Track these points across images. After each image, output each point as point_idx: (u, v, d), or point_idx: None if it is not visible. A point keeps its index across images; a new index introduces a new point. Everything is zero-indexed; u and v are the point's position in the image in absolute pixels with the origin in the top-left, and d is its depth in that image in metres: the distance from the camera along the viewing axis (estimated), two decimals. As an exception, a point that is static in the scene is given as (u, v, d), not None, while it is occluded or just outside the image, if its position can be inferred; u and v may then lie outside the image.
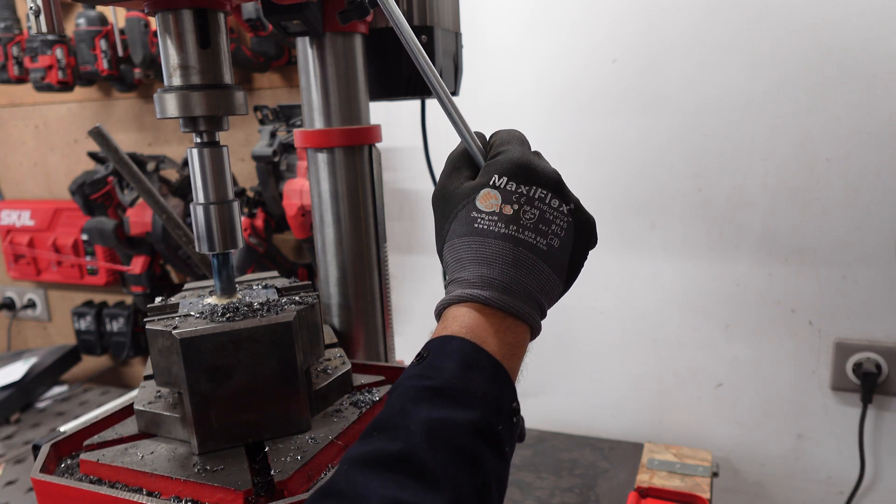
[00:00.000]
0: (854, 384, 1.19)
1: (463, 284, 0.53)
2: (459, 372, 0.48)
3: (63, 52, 1.56)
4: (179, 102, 0.60)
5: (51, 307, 2.02)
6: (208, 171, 0.64)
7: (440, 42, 0.89)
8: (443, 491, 0.42)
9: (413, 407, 0.46)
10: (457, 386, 0.47)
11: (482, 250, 0.53)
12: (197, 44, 0.60)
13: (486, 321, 0.51)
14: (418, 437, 0.44)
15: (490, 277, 0.53)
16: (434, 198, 0.59)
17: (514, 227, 0.53)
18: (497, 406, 0.48)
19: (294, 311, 0.62)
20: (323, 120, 0.84)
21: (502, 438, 0.48)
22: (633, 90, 1.24)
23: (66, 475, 0.61)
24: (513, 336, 0.52)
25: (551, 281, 0.55)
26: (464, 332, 0.51)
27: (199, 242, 0.65)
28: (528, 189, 0.54)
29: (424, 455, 0.43)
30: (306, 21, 0.76)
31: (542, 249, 0.54)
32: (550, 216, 0.54)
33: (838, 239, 1.16)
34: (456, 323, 0.51)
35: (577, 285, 0.59)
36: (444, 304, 0.54)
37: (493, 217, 0.54)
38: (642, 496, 1.06)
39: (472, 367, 0.48)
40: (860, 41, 1.09)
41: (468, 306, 0.52)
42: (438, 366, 0.48)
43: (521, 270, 0.53)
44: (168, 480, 0.56)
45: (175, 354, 0.58)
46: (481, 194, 0.54)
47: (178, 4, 0.59)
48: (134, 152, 1.53)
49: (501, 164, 0.55)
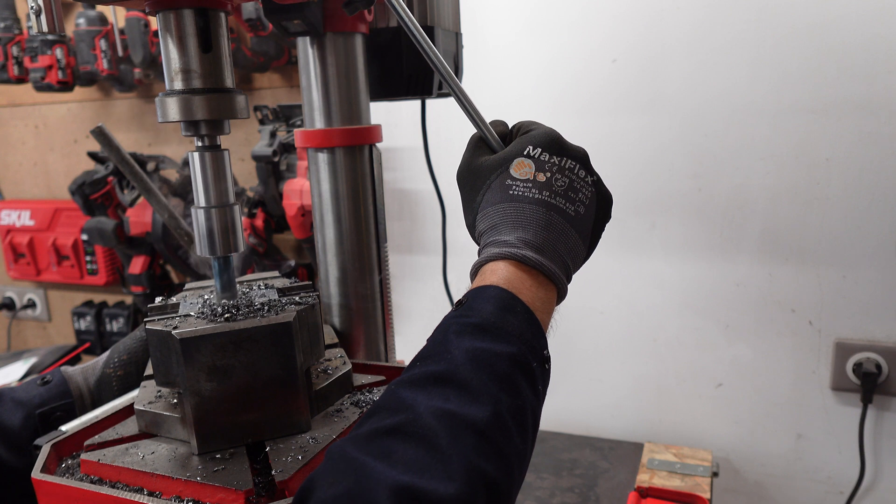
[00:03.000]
0: (854, 384, 1.19)
1: (499, 245, 0.57)
2: (498, 312, 0.52)
3: (63, 52, 1.56)
4: (181, 106, 0.60)
5: (51, 307, 2.02)
6: (209, 174, 0.63)
7: (440, 42, 0.89)
8: (485, 405, 0.46)
9: (455, 338, 0.50)
10: (496, 323, 0.51)
11: (517, 215, 0.58)
12: (198, 47, 0.60)
13: (520, 276, 0.55)
14: (461, 360, 0.48)
15: (525, 238, 0.57)
16: (460, 174, 0.63)
17: (548, 193, 0.58)
18: (531, 346, 0.52)
19: (294, 311, 0.62)
20: (323, 120, 0.84)
21: (536, 375, 0.52)
22: (633, 90, 1.24)
23: (67, 475, 0.61)
24: (544, 293, 0.56)
25: (578, 245, 0.59)
26: (501, 283, 0.54)
27: (201, 246, 0.65)
28: (560, 160, 0.59)
29: (467, 374, 0.48)
30: (306, 21, 0.76)
31: (570, 215, 0.58)
32: (578, 185, 0.59)
33: (838, 239, 1.16)
34: (494, 276, 0.55)
35: (576, 285, 0.60)
36: (481, 262, 0.58)
37: (527, 184, 0.58)
38: (642, 496, 1.06)
39: (509, 310, 0.53)
40: (860, 41, 1.09)
41: (505, 263, 0.56)
42: (478, 307, 0.53)
43: (553, 233, 0.57)
44: (169, 480, 0.56)
45: (175, 354, 0.58)
46: (515, 163, 0.59)
47: (179, 4, 0.59)
48: (134, 152, 1.53)
49: (535, 137, 0.59)
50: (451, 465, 0.43)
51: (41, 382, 0.72)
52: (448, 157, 0.90)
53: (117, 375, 0.76)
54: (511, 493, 0.47)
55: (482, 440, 0.45)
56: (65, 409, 0.71)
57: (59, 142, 1.86)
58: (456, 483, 0.42)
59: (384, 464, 0.42)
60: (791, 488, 1.28)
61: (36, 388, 0.71)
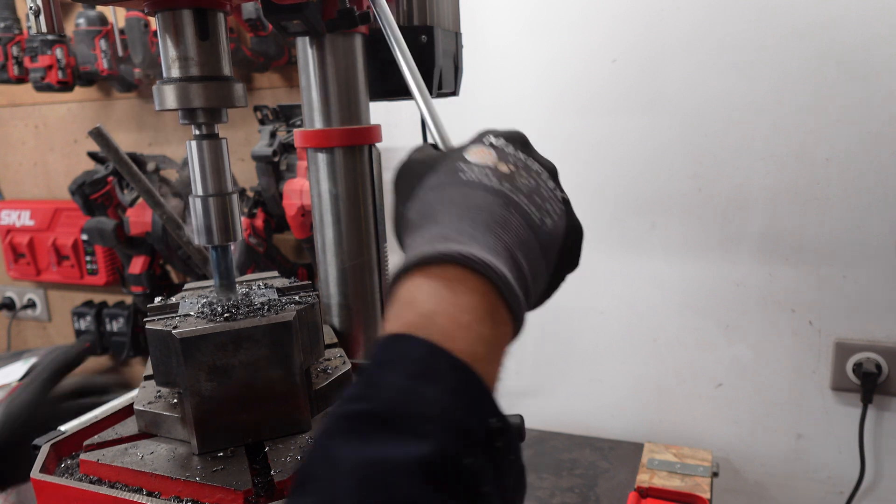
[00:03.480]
0: (854, 384, 1.19)
1: (433, 239, 0.39)
2: (407, 387, 0.33)
3: (63, 52, 1.56)
4: (178, 94, 0.60)
5: (51, 307, 2.02)
6: (207, 163, 0.63)
7: (440, 42, 0.89)
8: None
9: (340, 446, 0.32)
10: (399, 409, 0.33)
11: (465, 201, 0.41)
12: (196, 36, 0.60)
13: (456, 304, 0.36)
14: (342, 491, 0.31)
15: (472, 234, 0.39)
16: (399, 168, 0.48)
17: (509, 185, 0.42)
18: (463, 430, 0.33)
19: (294, 311, 0.62)
20: (323, 120, 0.84)
21: (475, 474, 0.32)
22: (633, 90, 1.24)
23: (66, 475, 0.61)
24: (491, 329, 0.37)
25: (539, 265, 0.43)
26: (420, 323, 0.36)
27: (198, 235, 0.65)
28: (526, 158, 0.46)
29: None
30: (306, 21, 0.76)
31: (535, 222, 0.42)
32: (546, 193, 0.45)
33: (838, 239, 1.16)
34: (412, 309, 0.37)
35: (577, 285, 0.57)
36: (400, 271, 0.39)
37: (485, 169, 0.43)
38: (642, 496, 1.06)
39: (426, 376, 0.34)
40: (860, 41, 1.09)
41: (433, 279, 0.37)
42: (378, 382, 0.34)
43: (511, 236, 0.40)
44: (168, 480, 0.56)
45: (175, 354, 0.58)
46: (473, 149, 0.45)
47: (178, 4, 0.59)
48: (134, 152, 1.53)
49: (499, 131, 0.47)
50: None
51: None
52: (448, 157, 0.90)
53: None
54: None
55: None
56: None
57: (59, 142, 1.86)
58: None
59: None
60: (791, 488, 1.28)
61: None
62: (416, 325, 0.36)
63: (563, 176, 0.55)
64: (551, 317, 1.34)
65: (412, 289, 0.38)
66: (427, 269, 0.38)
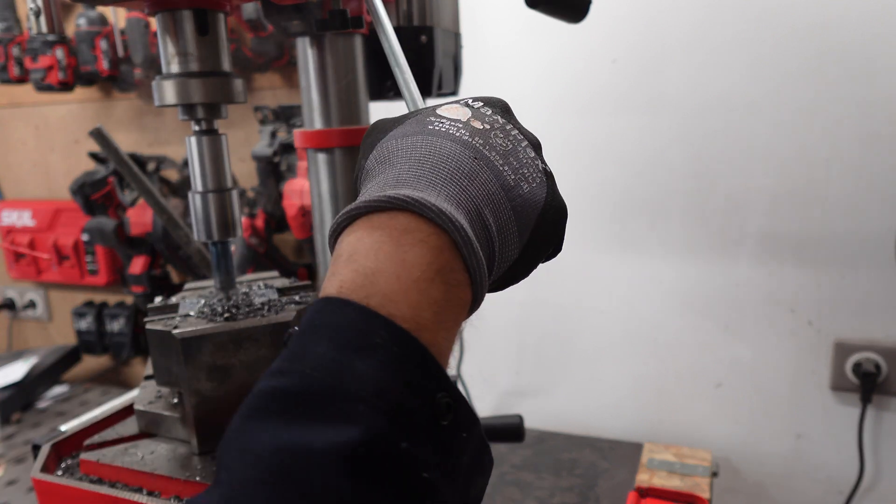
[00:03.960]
0: (853, 384, 1.19)
1: (382, 185, 0.35)
2: (334, 358, 0.29)
3: (63, 53, 1.56)
4: (178, 89, 0.60)
5: (51, 307, 2.02)
6: (206, 159, 0.63)
7: (440, 42, 0.89)
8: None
9: (257, 429, 0.28)
10: (326, 385, 0.28)
11: (429, 148, 0.36)
12: (195, 31, 0.60)
13: (403, 259, 0.31)
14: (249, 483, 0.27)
15: (431, 180, 0.34)
16: (368, 129, 0.43)
17: (481, 140, 0.37)
18: (403, 409, 0.28)
19: (294, 311, 0.62)
20: (323, 120, 0.84)
21: (414, 459, 0.28)
22: (633, 90, 1.25)
23: (67, 475, 0.62)
24: (443, 290, 0.32)
25: (510, 228, 0.37)
26: (357, 283, 0.31)
27: (198, 231, 0.65)
28: (504, 123, 0.40)
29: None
30: (306, 21, 0.76)
31: (508, 181, 0.37)
32: (525, 158, 0.39)
33: (838, 239, 1.16)
34: (350, 265, 0.31)
35: (577, 285, 0.57)
36: (342, 219, 0.34)
37: (456, 123, 0.38)
38: (642, 496, 1.07)
39: (358, 346, 0.29)
40: (860, 41, 1.09)
41: (379, 231, 0.32)
42: (302, 353, 0.30)
43: (477, 188, 0.35)
44: (168, 480, 0.56)
45: (175, 354, 0.58)
46: (447, 105, 0.40)
47: (179, 5, 0.59)
48: (134, 152, 1.53)
49: (479, 96, 0.42)
50: None
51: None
52: (448, 158, 0.90)
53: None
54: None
55: None
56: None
57: (60, 142, 1.86)
58: None
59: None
60: (790, 488, 1.28)
61: None
62: (352, 285, 0.31)
63: (563, 176, 0.55)
64: (551, 317, 1.34)
65: (353, 242, 0.32)
66: (372, 217, 0.33)
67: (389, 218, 0.32)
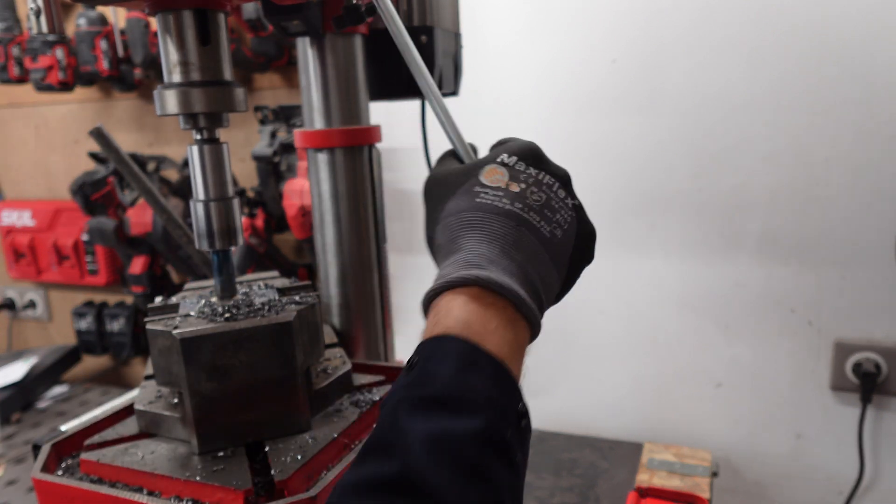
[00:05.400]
0: (853, 384, 1.19)
1: (459, 265, 0.47)
2: (457, 376, 0.42)
3: (63, 53, 1.56)
4: (179, 99, 0.60)
5: (51, 307, 2.02)
6: (208, 167, 0.63)
7: (440, 42, 0.89)
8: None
9: (407, 421, 0.40)
10: (454, 393, 0.41)
11: (483, 226, 0.49)
12: (197, 40, 0.60)
13: (484, 314, 0.45)
14: (417, 454, 0.38)
15: (490, 257, 0.47)
16: (427, 184, 0.55)
17: (520, 205, 0.49)
18: (503, 410, 0.43)
19: (294, 311, 0.62)
20: (323, 120, 0.84)
21: (512, 446, 0.42)
22: (632, 90, 1.25)
23: (67, 475, 0.62)
24: (513, 334, 0.46)
25: (551, 274, 0.50)
26: (458, 328, 0.44)
27: (199, 240, 0.65)
28: (537, 173, 0.52)
29: (426, 473, 0.38)
30: (306, 21, 0.76)
31: (545, 235, 0.50)
32: (556, 204, 0.51)
33: (838, 239, 1.16)
34: (450, 317, 0.45)
35: (576, 285, 0.58)
36: (435, 290, 0.47)
37: (497, 192, 0.50)
38: (642, 496, 1.07)
39: (471, 369, 0.43)
40: (860, 40, 1.09)
41: (464, 295, 0.46)
42: (432, 372, 0.43)
43: (524, 254, 0.48)
44: (168, 480, 0.56)
45: (175, 354, 0.58)
46: (487, 169, 0.52)
47: (179, 5, 0.59)
48: (134, 152, 1.53)
49: (511, 147, 0.53)
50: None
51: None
52: (448, 158, 0.90)
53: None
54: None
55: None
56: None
57: (60, 142, 1.86)
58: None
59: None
60: (790, 488, 1.28)
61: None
62: (455, 329, 0.44)
63: (563, 176, 0.55)
64: (551, 317, 1.33)
65: (447, 303, 0.46)
66: (457, 289, 0.46)
67: (469, 290, 0.46)
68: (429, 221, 0.54)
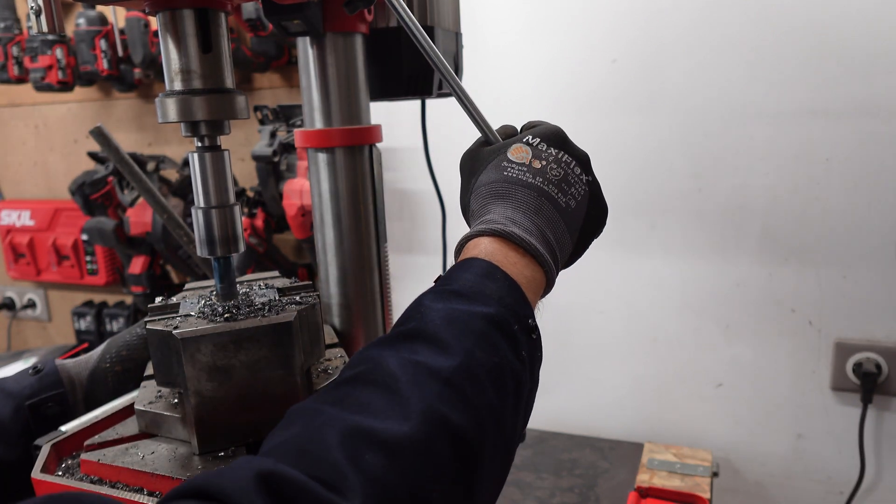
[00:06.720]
0: (854, 384, 1.19)
1: (487, 222, 0.56)
2: (476, 279, 0.51)
3: (63, 52, 1.56)
4: (181, 107, 0.60)
5: (51, 307, 2.02)
6: (209, 175, 0.63)
7: (440, 42, 0.89)
8: (454, 356, 0.45)
9: (430, 303, 0.50)
10: (473, 288, 0.50)
11: (509, 195, 0.58)
12: (198, 48, 0.60)
13: (504, 251, 0.54)
14: (434, 319, 0.47)
15: (514, 218, 0.56)
16: (463, 158, 0.65)
17: (541, 179, 0.58)
18: (513, 309, 0.50)
19: (294, 311, 0.62)
20: (323, 120, 0.84)
21: (519, 340, 0.49)
22: (633, 90, 1.25)
23: (67, 475, 0.61)
24: (530, 272, 0.54)
25: (565, 238, 0.59)
26: (482, 255, 0.53)
27: (201, 247, 0.65)
28: (558, 153, 0.60)
29: (439, 330, 0.46)
30: (306, 21, 0.76)
31: (561, 206, 0.58)
32: (573, 179, 0.60)
33: (838, 239, 1.16)
34: (476, 249, 0.54)
35: (577, 285, 0.59)
36: (466, 237, 0.57)
37: (522, 167, 0.59)
38: (642, 496, 1.07)
39: (489, 277, 0.51)
40: (860, 41, 1.09)
41: (489, 238, 0.55)
42: (456, 277, 0.52)
43: (542, 218, 0.57)
44: (169, 480, 0.56)
45: (176, 354, 0.58)
46: (513, 147, 0.60)
47: (179, 4, 0.59)
48: (134, 152, 1.53)
49: (537, 130, 0.61)
50: (408, 406, 0.41)
51: (33, 372, 0.68)
52: (448, 157, 0.90)
53: (114, 371, 0.72)
54: (483, 448, 0.44)
55: (446, 387, 0.43)
56: (56, 399, 0.67)
57: (60, 142, 1.86)
58: (411, 423, 0.41)
59: (337, 408, 0.42)
60: (791, 488, 1.28)
61: (27, 378, 0.67)
62: (480, 255, 0.54)
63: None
64: (551, 316, 1.33)
65: (476, 242, 0.56)
66: (485, 236, 0.55)
67: (494, 238, 0.55)
68: (463, 191, 0.63)
